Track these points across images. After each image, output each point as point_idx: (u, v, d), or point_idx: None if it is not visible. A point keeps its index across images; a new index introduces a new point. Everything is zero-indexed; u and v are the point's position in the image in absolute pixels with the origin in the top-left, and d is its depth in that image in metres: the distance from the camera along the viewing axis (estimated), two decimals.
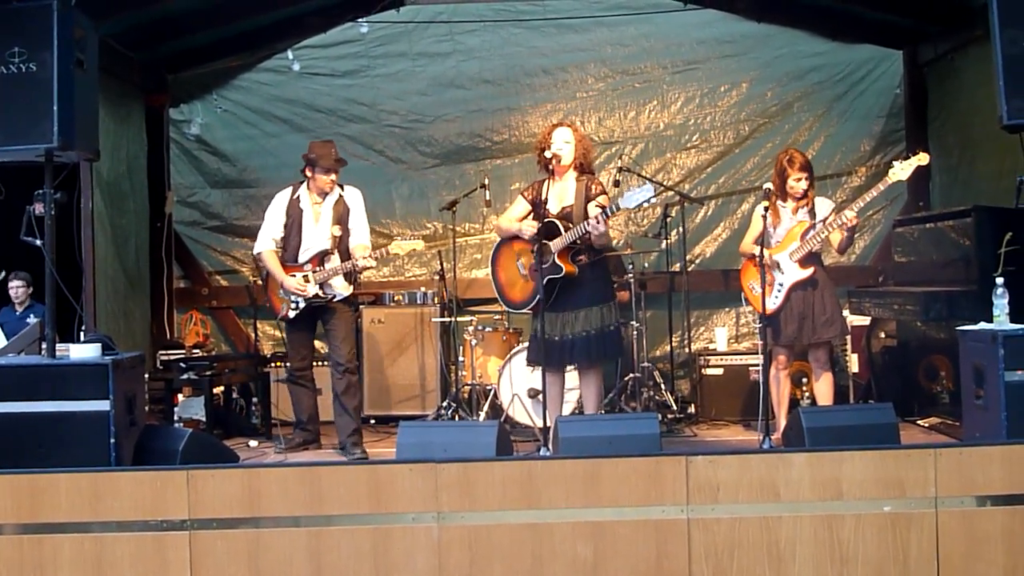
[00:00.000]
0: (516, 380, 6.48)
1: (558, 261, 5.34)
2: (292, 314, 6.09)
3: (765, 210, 5.32)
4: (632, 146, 7.93)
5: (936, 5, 7.04)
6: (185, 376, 6.57)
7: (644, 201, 5.12)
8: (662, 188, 7.24)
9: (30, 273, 7.53)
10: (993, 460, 3.85)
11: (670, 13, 7.75)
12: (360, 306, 6.92)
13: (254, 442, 6.49)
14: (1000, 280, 4.64)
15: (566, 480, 3.89)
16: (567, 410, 6.07)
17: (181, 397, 6.98)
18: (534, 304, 5.45)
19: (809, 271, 5.74)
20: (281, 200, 6.23)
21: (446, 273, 7.27)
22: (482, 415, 6.70)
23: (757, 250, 5.45)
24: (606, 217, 5.22)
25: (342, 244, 6.10)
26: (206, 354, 7.35)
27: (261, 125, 8.05)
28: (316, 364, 6.51)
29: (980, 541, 3.81)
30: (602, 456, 3.96)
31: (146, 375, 5.86)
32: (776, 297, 5.77)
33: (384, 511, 3.89)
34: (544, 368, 5.18)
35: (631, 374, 6.80)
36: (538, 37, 7.90)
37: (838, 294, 6.03)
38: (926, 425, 6.28)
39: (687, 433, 6.57)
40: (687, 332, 7.43)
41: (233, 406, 7.15)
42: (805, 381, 6.69)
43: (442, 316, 7.33)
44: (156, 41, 7.29)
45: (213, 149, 8.09)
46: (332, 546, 3.88)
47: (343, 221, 6.11)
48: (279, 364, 7.10)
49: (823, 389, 5.88)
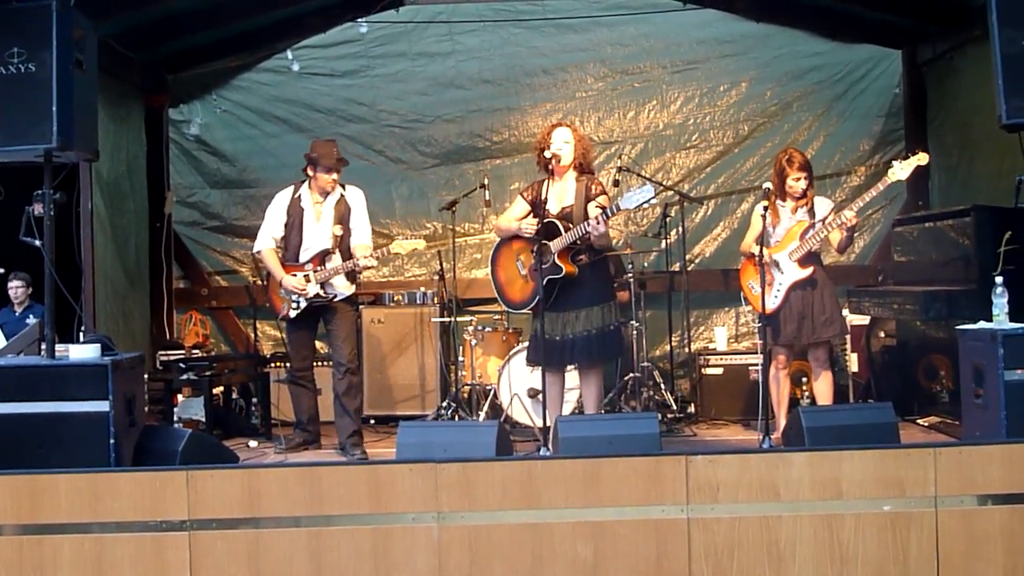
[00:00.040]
0: (516, 380, 6.47)
1: (558, 261, 5.33)
2: (293, 313, 6.08)
3: (764, 210, 5.32)
4: (631, 146, 7.93)
5: (935, 5, 7.04)
6: (185, 376, 6.57)
7: (644, 202, 5.12)
8: (662, 188, 7.24)
9: (29, 273, 7.53)
10: (993, 459, 3.85)
11: (669, 13, 7.75)
12: (360, 306, 6.92)
13: (254, 442, 6.48)
14: (999, 279, 4.64)
15: (566, 480, 3.88)
16: (567, 410, 6.07)
17: (181, 397, 6.97)
18: (534, 304, 5.44)
19: (808, 271, 5.74)
20: (282, 199, 6.22)
21: (446, 273, 7.26)
22: (482, 415, 6.70)
23: (757, 249, 5.46)
24: (606, 218, 5.22)
25: (343, 243, 6.09)
26: (206, 354, 7.35)
27: (261, 125, 8.05)
28: (317, 364, 6.51)
29: (980, 540, 3.80)
30: (602, 456, 3.96)
31: (146, 375, 5.85)
32: (775, 297, 5.76)
33: (384, 511, 3.88)
34: (544, 368, 5.18)
35: (631, 374, 6.80)
36: (538, 37, 7.90)
37: (838, 293, 6.03)
38: (926, 424, 6.28)
39: (687, 433, 6.57)
40: (687, 332, 7.43)
41: (233, 406, 7.15)
42: (805, 381, 6.70)
43: (442, 316, 7.33)
44: (156, 41, 7.29)
45: (213, 149, 8.09)
46: (332, 546, 3.87)
47: (344, 220, 6.09)
48: (279, 364, 7.11)
49: (823, 388, 5.88)
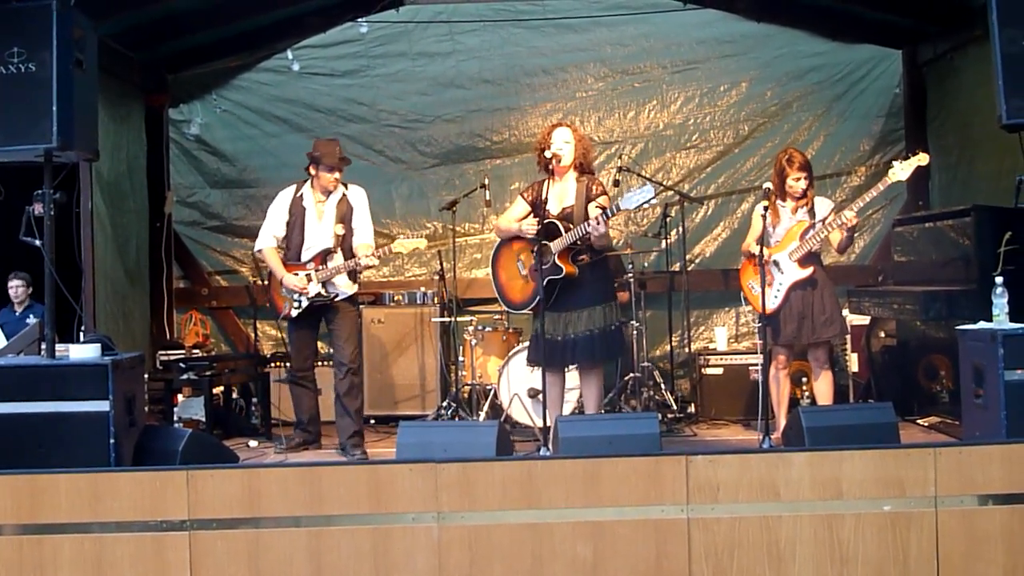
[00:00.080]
0: (516, 380, 6.47)
1: (558, 262, 5.32)
2: (295, 313, 6.07)
3: (765, 210, 5.32)
4: (632, 146, 7.93)
5: (936, 5, 7.04)
6: (185, 376, 6.57)
7: (644, 202, 5.12)
8: (662, 188, 7.24)
9: (30, 273, 7.54)
10: (993, 459, 3.85)
11: (669, 13, 7.75)
12: (360, 306, 6.92)
13: (254, 442, 6.48)
14: (999, 279, 4.64)
15: (566, 480, 3.88)
16: (567, 410, 6.06)
17: (181, 397, 6.97)
18: (534, 304, 5.44)
19: (808, 271, 5.74)
20: (284, 198, 6.21)
21: (446, 273, 7.26)
22: (482, 415, 6.70)
23: (757, 249, 5.46)
24: (606, 218, 5.22)
25: (345, 243, 6.08)
26: (206, 354, 7.35)
27: (261, 125, 8.05)
28: (318, 364, 6.49)
29: (980, 540, 3.80)
30: (602, 456, 3.96)
31: (146, 375, 5.85)
32: (775, 297, 5.76)
33: (384, 511, 3.88)
34: (544, 368, 5.18)
35: (631, 374, 6.80)
36: (538, 37, 7.89)
37: (838, 293, 6.03)
38: (926, 424, 6.28)
39: (687, 433, 6.57)
40: (687, 332, 7.43)
41: (233, 406, 7.15)
42: (805, 381, 6.69)
43: (442, 316, 7.33)
44: (156, 41, 7.29)
45: (213, 149, 8.09)
46: (332, 546, 3.87)
47: (346, 220, 6.08)
48: (279, 364, 7.11)
49: (823, 388, 5.88)
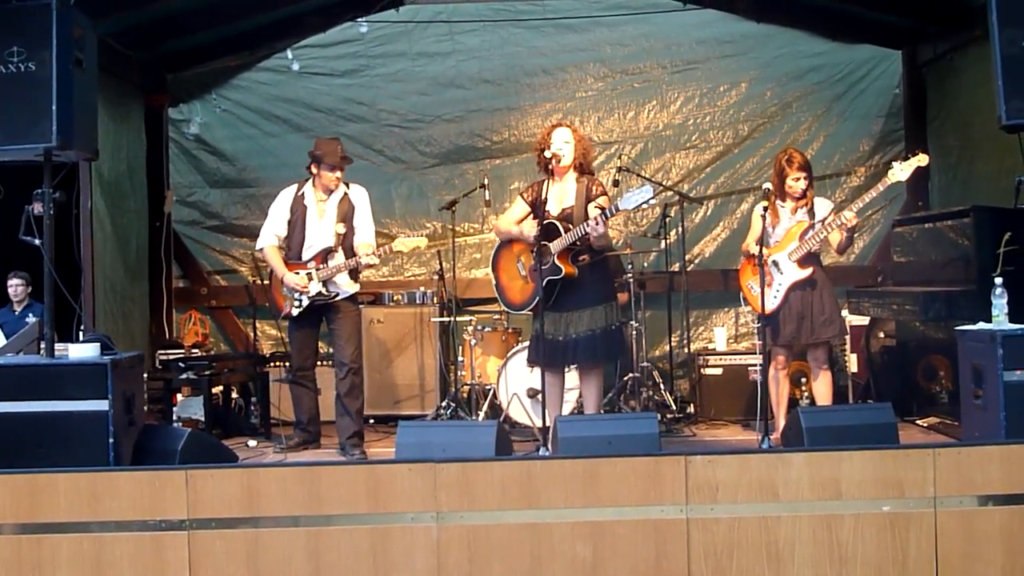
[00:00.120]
0: (515, 380, 6.47)
1: (558, 262, 5.32)
2: (295, 312, 6.06)
3: (764, 210, 5.33)
4: (631, 146, 7.93)
5: (935, 5, 7.04)
6: (184, 376, 6.56)
7: (643, 202, 5.12)
8: (661, 188, 7.24)
9: (29, 272, 7.54)
10: (992, 460, 3.85)
11: (669, 13, 7.75)
12: (360, 306, 6.91)
13: (253, 442, 6.48)
14: (999, 280, 4.64)
15: (565, 480, 3.88)
16: (567, 410, 6.06)
17: (180, 397, 6.97)
18: (534, 305, 5.44)
19: (808, 271, 5.74)
20: (286, 196, 6.21)
21: (445, 273, 7.26)
22: (481, 415, 6.70)
23: (756, 250, 5.45)
24: (606, 218, 5.22)
25: (346, 242, 6.07)
26: (205, 354, 7.35)
27: (260, 125, 8.04)
28: (318, 364, 6.48)
29: (979, 541, 3.80)
30: (601, 456, 3.96)
31: (145, 375, 5.85)
32: (775, 297, 5.76)
33: (383, 511, 3.88)
34: (544, 368, 5.18)
35: (630, 374, 6.80)
36: (538, 37, 7.89)
37: (837, 294, 6.03)
38: (925, 425, 6.28)
39: (686, 433, 6.57)
40: (686, 332, 7.43)
41: (232, 406, 7.14)
42: (804, 381, 6.70)
43: (441, 316, 7.32)
44: (156, 41, 7.29)
45: (212, 149, 8.08)
46: (331, 546, 3.87)
47: (347, 219, 6.08)
48: (278, 364, 7.11)
49: (822, 389, 5.88)
